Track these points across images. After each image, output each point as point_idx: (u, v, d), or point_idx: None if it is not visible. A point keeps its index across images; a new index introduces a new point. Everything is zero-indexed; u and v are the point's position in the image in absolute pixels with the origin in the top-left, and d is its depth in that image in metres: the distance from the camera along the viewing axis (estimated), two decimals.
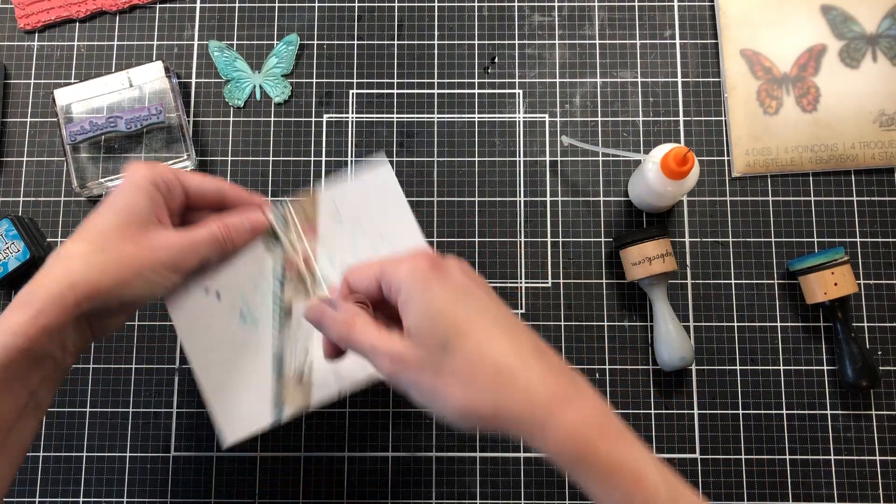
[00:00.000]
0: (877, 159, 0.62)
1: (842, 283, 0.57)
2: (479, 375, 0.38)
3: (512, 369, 0.38)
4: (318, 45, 0.65)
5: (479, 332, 0.39)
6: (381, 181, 0.52)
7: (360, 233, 0.52)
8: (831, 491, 0.58)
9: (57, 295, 0.42)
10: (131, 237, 0.45)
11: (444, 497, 0.58)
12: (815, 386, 0.60)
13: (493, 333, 0.39)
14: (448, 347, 0.38)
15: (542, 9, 0.66)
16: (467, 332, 0.39)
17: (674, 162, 0.52)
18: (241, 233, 0.50)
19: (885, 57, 0.64)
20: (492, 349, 0.38)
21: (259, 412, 0.50)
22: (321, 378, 0.49)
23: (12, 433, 0.42)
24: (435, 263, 0.40)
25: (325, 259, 0.52)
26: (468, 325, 0.39)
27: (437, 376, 0.38)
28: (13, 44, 0.65)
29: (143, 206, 0.46)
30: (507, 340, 0.39)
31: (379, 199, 0.52)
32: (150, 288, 0.46)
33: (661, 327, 0.58)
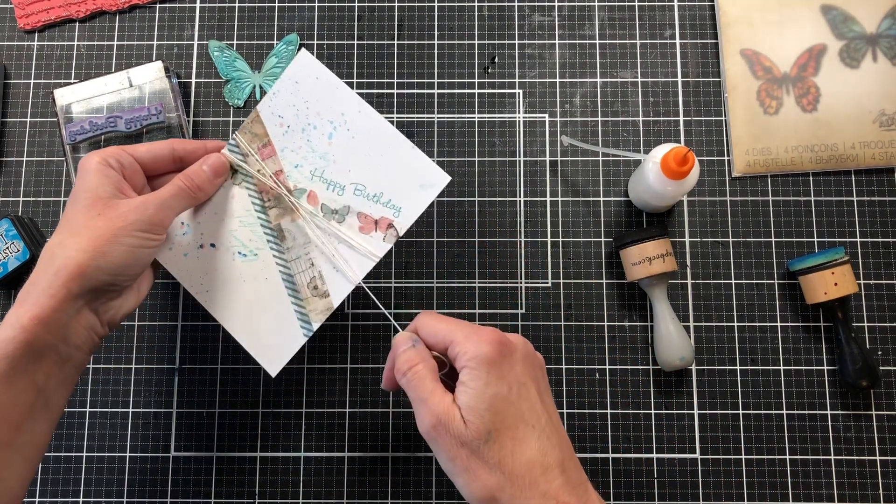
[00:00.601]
0: (877, 159, 0.62)
1: (842, 283, 0.57)
2: (510, 475, 0.41)
3: (535, 480, 0.42)
4: (318, 45, 0.65)
5: (517, 435, 0.42)
6: (304, 69, 0.52)
7: (311, 127, 0.52)
8: (831, 491, 0.58)
9: (45, 285, 0.42)
10: (98, 212, 0.46)
11: (444, 497, 0.58)
12: (815, 386, 0.59)
13: (530, 440, 0.42)
14: (491, 438, 0.42)
15: (542, 9, 0.66)
16: (512, 429, 0.42)
17: (674, 162, 0.52)
18: (204, 177, 0.51)
19: (885, 57, 0.64)
20: (522, 455, 0.42)
21: (291, 335, 0.52)
22: (333, 281, 0.52)
23: (23, 432, 0.42)
24: (503, 351, 0.43)
25: (293, 168, 0.53)
26: (515, 423, 0.42)
27: (473, 458, 0.42)
28: (13, 44, 0.65)
29: (101, 183, 0.47)
30: (540, 449, 0.42)
31: (311, 87, 0.52)
32: (130, 253, 0.46)
33: (661, 327, 0.58)
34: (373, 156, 0.52)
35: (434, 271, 0.61)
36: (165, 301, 0.61)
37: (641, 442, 0.59)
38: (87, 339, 0.46)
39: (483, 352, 0.43)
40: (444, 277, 0.61)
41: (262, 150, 0.53)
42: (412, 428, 0.59)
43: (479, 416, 0.42)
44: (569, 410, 0.59)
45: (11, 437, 0.42)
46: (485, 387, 0.42)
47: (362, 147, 0.52)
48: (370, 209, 0.52)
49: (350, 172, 0.52)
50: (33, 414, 0.43)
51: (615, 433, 0.59)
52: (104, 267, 0.44)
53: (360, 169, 0.52)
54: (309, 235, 0.52)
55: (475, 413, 0.42)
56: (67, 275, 0.43)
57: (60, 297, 0.43)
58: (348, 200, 0.52)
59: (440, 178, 0.51)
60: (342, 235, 0.52)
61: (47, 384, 0.43)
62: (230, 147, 0.53)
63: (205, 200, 0.52)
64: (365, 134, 0.52)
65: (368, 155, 0.52)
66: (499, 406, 0.42)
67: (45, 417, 0.44)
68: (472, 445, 0.42)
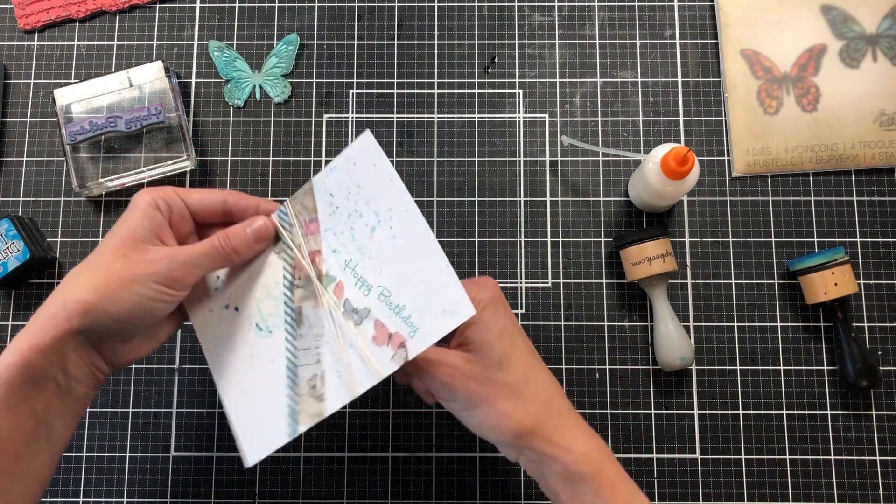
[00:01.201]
0: (877, 159, 0.62)
1: (842, 283, 0.57)
2: (527, 392, 0.45)
3: (550, 396, 0.46)
4: (318, 45, 0.65)
5: (528, 360, 0.47)
6: (364, 152, 0.48)
7: (357, 215, 0.49)
8: (831, 491, 0.58)
9: (50, 315, 0.42)
10: (123, 254, 0.44)
11: (444, 497, 0.58)
12: (815, 386, 0.59)
13: (537, 366, 0.47)
14: (503, 363, 0.45)
15: (542, 9, 0.66)
16: (522, 355, 0.46)
17: (674, 162, 0.52)
18: (244, 241, 0.48)
19: (885, 57, 0.64)
20: (538, 375, 0.46)
21: (275, 429, 0.48)
22: (332, 386, 0.47)
23: (23, 461, 0.42)
24: (501, 294, 0.48)
25: (330, 253, 0.49)
26: (523, 351, 0.47)
27: (488, 386, 0.45)
28: (13, 44, 0.65)
29: (141, 224, 0.45)
30: (547, 374, 0.47)
31: (367, 173, 0.48)
32: (140, 303, 0.43)
33: (661, 327, 0.58)
34: (407, 263, 0.47)
35: None
36: None
37: (641, 442, 0.59)
38: (88, 373, 0.45)
39: (488, 293, 0.46)
40: None
41: (308, 224, 0.50)
42: (412, 428, 0.59)
43: (491, 345, 0.45)
44: None
45: (12, 466, 0.41)
46: (496, 318, 0.46)
47: (400, 251, 0.47)
48: (389, 320, 0.46)
49: (381, 274, 0.47)
50: (34, 444, 0.42)
51: (615, 433, 0.59)
52: (110, 311, 0.43)
53: (392, 273, 0.47)
54: (324, 328, 0.48)
55: (487, 343, 0.46)
56: (72, 310, 0.42)
57: (62, 329, 0.42)
58: (371, 303, 0.47)
59: (466, 309, 0.43)
60: (355, 341, 0.47)
61: (48, 414, 0.43)
62: (280, 214, 0.50)
63: (240, 263, 0.50)
64: (405, 238, 0.47)
65: (404, 261, 0.47)
66: (508, 335, 0.46)
67: (47, 448, 0.43)
68: (486, 375, 0.45)
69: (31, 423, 0.42)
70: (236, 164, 0.63)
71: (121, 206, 0.62)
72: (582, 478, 0.44)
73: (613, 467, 0.45)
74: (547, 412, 0.45)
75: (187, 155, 0.61)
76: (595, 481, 0.44)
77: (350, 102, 0.64)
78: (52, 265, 0.61)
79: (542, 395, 0.46)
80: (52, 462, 0.44)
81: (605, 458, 0.45)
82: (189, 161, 0.61)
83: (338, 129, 0.64)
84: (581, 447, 0.45)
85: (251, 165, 0.63)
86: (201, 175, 0.63)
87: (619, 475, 0.45)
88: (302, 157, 0.63)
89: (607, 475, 0.45)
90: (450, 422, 0.59)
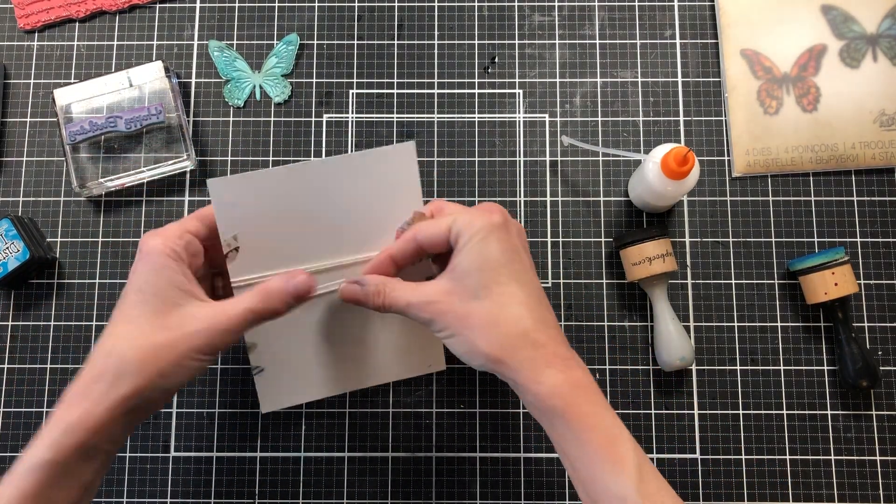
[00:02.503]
0: (877, 159, 0.62)
1: (842, 283, 0.57)
2: (499, 322, 0.44)
3: (526, 329, 0.44)
4: (318, 45, 0.65)
5: (509, 290, 0.45)
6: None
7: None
8: (831, 491, 0.58)
9: (99, 395, 0.43)
10: (162, 324, 0.44)
11: (444, 497, 0.58)
12: (815, 386, 0.59)
13: (520, 296, 0.45)
14: (480, 294, 0.45)
15: (542, 9, 0.66)
16: (501, 286, 0.45)
17: (674, 162, 0.52)
18: (284, 301, 0.47)
19: (885, 57, 0.64)
20: (514, 308, 0.45)
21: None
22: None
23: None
24: (505, 219, 0.47)
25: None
26: (505, 281, 0.45)
27: (462, 316, 0.45)
28: (13, 44, 0.65)
29: (170, 286, 0.45)
30: (530, 306, 0.45)
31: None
32: (189, 373, 0.45)
33: (661, 327, 0.58)
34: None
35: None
36: None
37: (641, 442, 0.59)
38: (128, 433, 0.47)
39: (490, 220, 0.46)
40: None
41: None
42: (412, 428, 0.59)
43: (470, 274, 0.45)
44: None
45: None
46: (482, 246, 0.45)
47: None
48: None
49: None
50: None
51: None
52: (163, 386, 0.44)
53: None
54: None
55: (467, 271, 0.45)
56: (126, 392, 0.43)
57: (116, 409, 0.43)
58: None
59: None
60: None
61: (94, 480, 0.44)
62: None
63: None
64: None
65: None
66: (493, 264, 0.45)
67: (87, 500, 0.45)
68: (462, 304, 0.45)
69: (78, 492, 0.43)
70: (236, 164, 0.63)
71: (121, 205, 0.62)
72: (553, 412, 0.43)
73: (588, 402, 0.43)
74: (518, 343, 0.44)
75: (187, 155, 0.61)
76: (565, 417, 0.43)
77: (350, 102, 0.64)
78: (52, 265, 0.61)
79: (515, 326, 0.44)
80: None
81: (578, 393, 0.43)
82: (189, 161, 0.61)
83: (338, 129, 0.64)
84: (551, 380, 0.43)
85: (251, 165, 0.63)
86: (201, 175, 0.63)
87: (594, 411, 0.43)
88: (302, 157, 0.63)
89: (578, 410, 0.43)
90: (450, 422, 0.59)
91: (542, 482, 0.58)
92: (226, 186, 0.49)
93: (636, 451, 0.42)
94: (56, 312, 0.61)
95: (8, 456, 0.59)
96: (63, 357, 0.60)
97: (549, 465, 0.58)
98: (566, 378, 0.43)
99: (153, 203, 0.62)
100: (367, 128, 0.63)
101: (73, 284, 0.61)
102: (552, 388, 0.43)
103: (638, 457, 0.42)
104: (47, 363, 0.60)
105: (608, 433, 0.43)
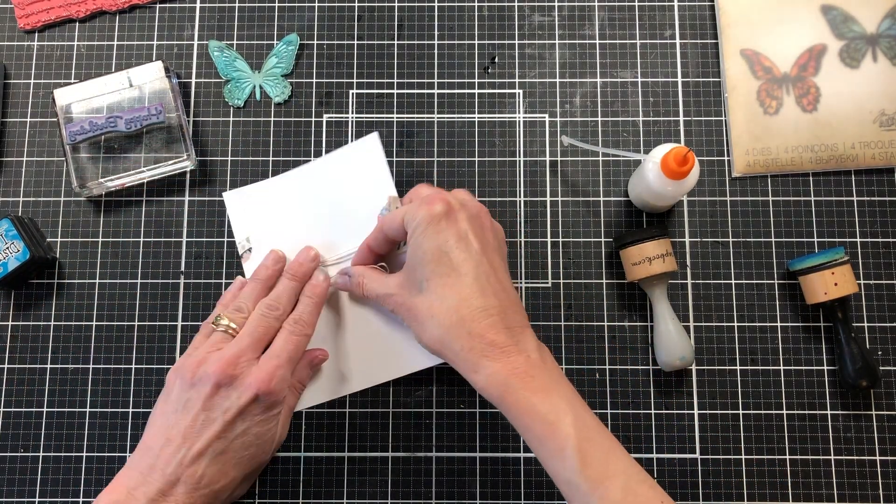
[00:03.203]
0: (877, 159, 0.62)
1: (842, 283, 0.57)
2: (435, 316, 0.46)
3: (462, 319, 0.45)
4: (318, 45, 0.65)
5: (449, 282, 0.46)
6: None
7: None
8: (831, 491, 0.58)
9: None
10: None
11: (444, 497, 0.58)
12: (815, 386, 0.59)
13: (461, 285, 0.46)
14: (423, 288, 0.47)
15: (542, 9, 0.66)
16: (441, 278, 0.46)
17: (674, 162, 0.52)
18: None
19: (885, 57, 0.64)
20: (453, 299, 0.45)
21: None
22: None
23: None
24: (448, 210, 0.47)
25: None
26: (445, 272, 0.46)
27: (409, 309, 0.48)
28: (13, 44, 0.65)
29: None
30: (469, 295, 0.45)
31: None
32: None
33: (661, 327, 0.58)
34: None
35: None
36: (165, 301, 0.61)
37: (641, 442, 0.59)
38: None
39: (430, 211, 0.47)
40: None
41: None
42: (412, 428, 0.59)
43: (413, 269, 0.47)
44: None
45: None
46: (422, 242, 0.46)
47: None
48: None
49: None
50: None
51: (615, 433, 0.59)
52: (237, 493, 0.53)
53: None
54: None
55: (411, 266, 0.47)
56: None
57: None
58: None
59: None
60: None
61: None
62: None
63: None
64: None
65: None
66: (433, 257, 0.46)
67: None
68: (410, 297, 0.48)
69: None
70: (236, 164, 0.63)
71: (121, 205, 0.62)
72: (493, 400, 0.45)
73: (525, 389, 0.43)
74: (453, 335, 0.45)
75: (187, 155, 0.61)
76: (503, 406, 0.44)
77: (350, 102, 0.64)
78: (52, 265, 0.61)
79: (449, 317, 0.45)
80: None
81: (513, 382, 0.44)
82: (189, 161, 0.61)
83: (338, 129, 0.64)
84: (487, 370, 0.44)
85: (251, 165, 0.63)
86: (201, 175, 0.63)
87: (528, 398, 0.43)
88: (302, 157, 0.63)
89: (514, 398, 0.43)
90: (450, 422, 0.59)
91: (542, 482, 0.58)
92: (237, 196, 0.61)
93: (577, 435, 0.42)
94: (56, 312, 0.61)
95: (8, 455, 0.59)
96: (63, 357, 0.60)
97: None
98: (502, 367, 0.44)
99: (153, 203, 0.62)
100: (367, 128, 0.63)
101: (73, 284, 0.61)
102: (487, 377, 0.44)
103: (579, 440, 0.42)
104: (47, 363, 0.60)
105: (544, 419, 0.43)
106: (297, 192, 0.60)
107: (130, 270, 0.61)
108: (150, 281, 0.61)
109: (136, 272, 0.61)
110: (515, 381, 0.44)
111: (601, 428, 0.44)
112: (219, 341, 0.52)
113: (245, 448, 0.50)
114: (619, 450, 0.44)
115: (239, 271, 0.61)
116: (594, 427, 0.44)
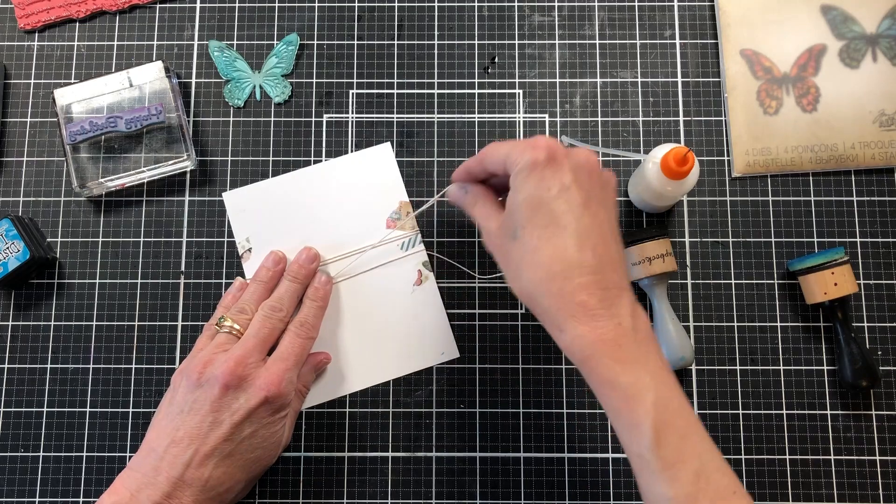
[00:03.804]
0: (877, 159, 0.62)
1: (842, 283, 0.57)
2: (527, 268, 0.44)
3: (554, 275, 0.42)
4: (318, 45, 0.65)
5: (545, 233, 0.43)
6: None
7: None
8: (831, 491, 0.58)
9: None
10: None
11: (444, 497, 0.58)
12: (815, 386, 0.60)
13: (557, 238, 0.43)
14: (516, 236, 0.44)
15: (542, 9, 0.66)
16: (537, 228, 0.43)
17: (674, 162, 0.52)
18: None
19: (885, 57, 0.64)
20: (547, 252, 0.43)
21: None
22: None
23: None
24: (552, 158, 0.44)
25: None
26: (542, 223, 0.43)
27: (503, 254, 0.46)
28: (13, 44, 0.65)
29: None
30: (565, 249, 0.43)
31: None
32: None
33: (661, 327, 0.58)
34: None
35: (434, 271, 0.61)
36: (165, 301, 0.61)
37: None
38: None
39: (534, 157, 0.44)
40: (443, 278, 0.61)
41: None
42: (412, 428, 0.59)
43: (510, 215, 0.45)
44: (569, 411, 0.59)
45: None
46: (522, 188, 0.44)
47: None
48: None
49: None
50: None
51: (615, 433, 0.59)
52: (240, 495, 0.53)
53: None
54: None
55: (507, 213, 0.45)
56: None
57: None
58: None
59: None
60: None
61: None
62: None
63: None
64: None
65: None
66: (530, 207, 0.44)
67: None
68: (504, 244, 0.45)
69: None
70: (236, 164, 0.63)
71: (121, 205, 0.62)
72: (577, 362, 0.43)
73: (609, 357, 0.41)
74: (541, 290, 0.43)
75: (187, 155, 0.61)
76: (584, 370, 0.42)
77: (350, 102, 0.64)
78: (52, 265, 0.61)
79: (540, 271, 0.43)
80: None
81: (598, 348, 0.41)
82: (189, 161, 0.61)
83: (338, 129, 0.64)
84: (572, 332, 0.42)
85: (251, 165, 0.63)
86: (201, 175, 0.63)
87: (612, 367, 0.41)
88: (302, 157, 0.63)
89: (596, 365, 0.41)
90: (450, 422, 0.59)
91: (543, 482, 0.58)
92: (237, 196, 0.62)
93: (656, 413, 0.40)
94: (56, 312, 0.61)
95: (8, 455, 0.59)
96: (63, 357, 0.60)
97: (549, 465, 0.58)
98: (589, 331, 0.41)
99: (153, 203, 0.62)
100: (367, 128, 0.64)
101: (73, 284, 0.61)
102: (572, 339, 0.42)
103: (656, 418, 0.40)
104: (47, 363, 0.60)
105: (624, 393, 0.41)
106: (298, 192, 0.61)
107: (130, 270, 0.61)
108: (150, 281, 0.61)
109: (136, 272, 0.61)
110: (601, 347, 0.41)
111: (684, 407, 0.42)
112: (224, 342, 0.52)
113: (251, 450, 0.50)
114: (700, 433, 0.42)
115: (239, 271, 0.61)
116: (676, 406, 0.42)
